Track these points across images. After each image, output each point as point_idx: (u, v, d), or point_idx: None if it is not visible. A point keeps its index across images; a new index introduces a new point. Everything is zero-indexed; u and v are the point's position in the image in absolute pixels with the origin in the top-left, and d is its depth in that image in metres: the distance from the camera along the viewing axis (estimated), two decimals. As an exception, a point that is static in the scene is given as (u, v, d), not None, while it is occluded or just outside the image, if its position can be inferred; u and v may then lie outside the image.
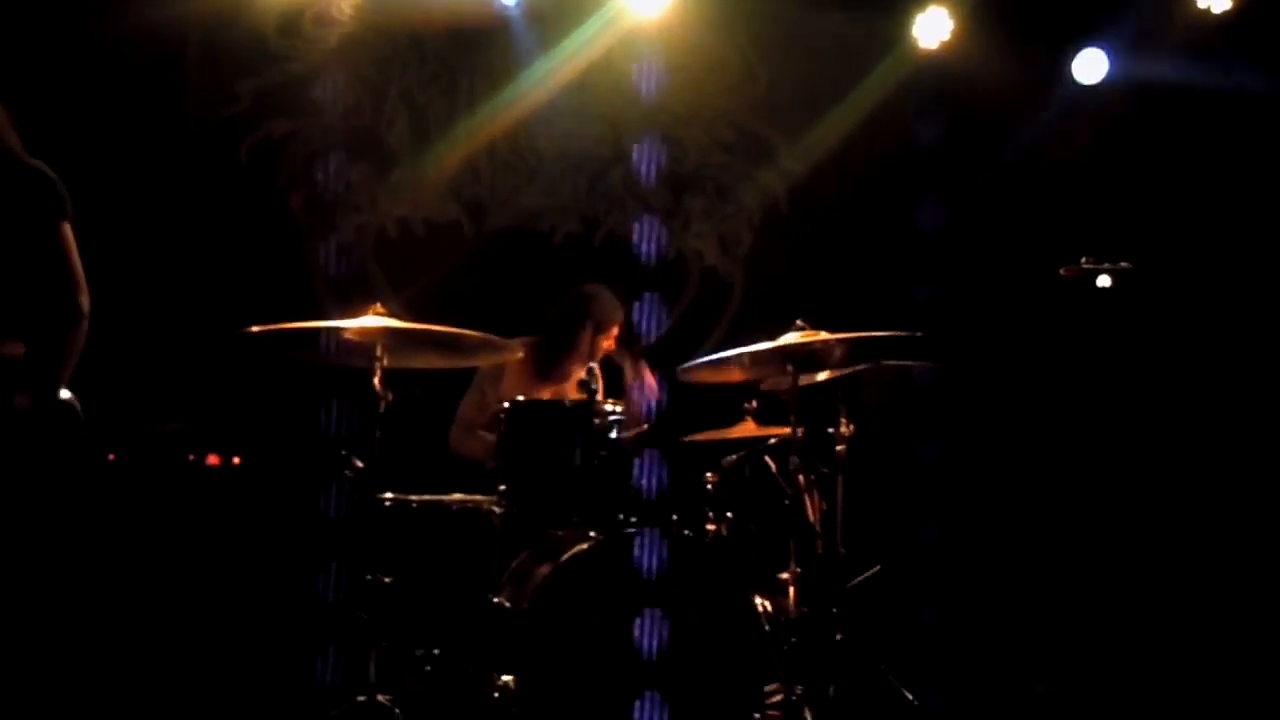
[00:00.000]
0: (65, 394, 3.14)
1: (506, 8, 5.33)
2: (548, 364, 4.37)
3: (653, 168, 5.50)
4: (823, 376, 4.02)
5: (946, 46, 5.51)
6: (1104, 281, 3.79)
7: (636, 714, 3.24)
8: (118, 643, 3.92)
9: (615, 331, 4.48)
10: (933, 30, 5.50)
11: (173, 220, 4.96)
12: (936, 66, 5.54)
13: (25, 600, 3.11)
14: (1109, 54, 5.54)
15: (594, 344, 4.39)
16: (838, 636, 3.70)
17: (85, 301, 3.12)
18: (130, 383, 4.51)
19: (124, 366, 4.44)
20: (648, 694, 3.26)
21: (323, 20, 5.28)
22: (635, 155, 5.47)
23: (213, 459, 4.37)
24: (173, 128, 5.06)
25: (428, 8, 5.35)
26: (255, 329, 3.41)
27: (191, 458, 4.34)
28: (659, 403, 4.40)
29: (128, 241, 4.70)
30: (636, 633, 3.28)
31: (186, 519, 4.20)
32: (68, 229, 3.15)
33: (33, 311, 3.08)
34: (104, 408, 3.37)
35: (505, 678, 3.24)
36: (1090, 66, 5.57)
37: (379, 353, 3.41)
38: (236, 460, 4.40)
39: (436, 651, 3.58)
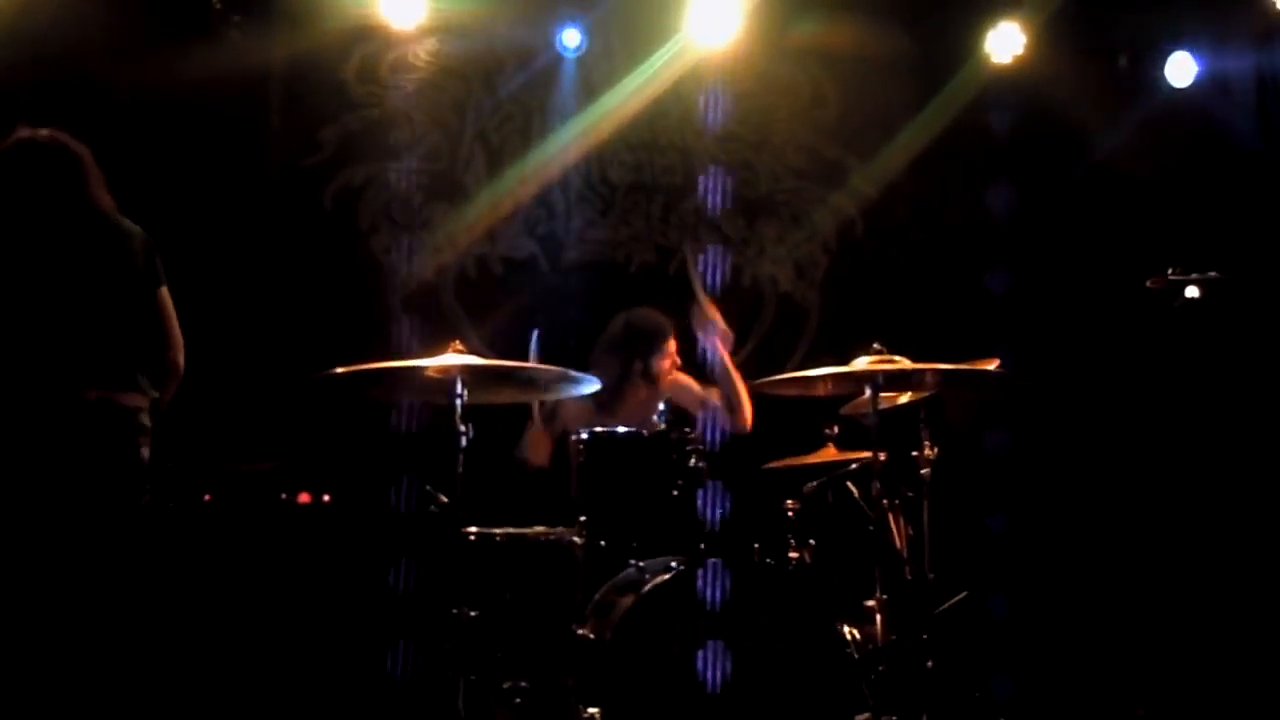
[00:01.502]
0: None
1: (566, 56, 5.42)
2: (604, 399, 4.17)
3: (725, 195, 5.52)
4: (905, 399, 3.97)
5: (1020, 61, 5.45)
6: (1192, 292, 3.69)
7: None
8: (215, 680, 4.02)
9: (670, 349, 4.31)
10: (1005, 45, 5.44)
11: (262, 266, 5.11)
12: (1010, 81, 5.47)
13: (118, 641, 3.23)
14: (1195, 58, 5.43)
15: (649, 370, 4.24)
16: (929, 664, 3.62)
17: (182, 359, 3.30)
18: (223, 424, 4.64)
19: (216, 408, 4.58)
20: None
21: (400, 67, 5.42)
22: (706, 183, 5.50)
23: (304, 497, 4.47)
24: (258, 176, 5.22)
25: (499, 49, 5.48)
26: (339, 370, 3.48)
27: (283, 496, 4.44)
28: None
29: (219, 289, 4.86)
30: (719, 663, 3.26)
31: (278, 556, 4.30)
32: (166, 291, 3.34)
33: (146, 367, 3.26)
34: (197, 448, 3.49)
35: (591, 710, 3.25)
36: (1179, 71, 5.47)
37: (460, 389, 3.46)
38: (327, 498, 4.50)
39: (524, 684, 3.60)
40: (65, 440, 3.11)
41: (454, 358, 3.48)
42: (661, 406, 3.74)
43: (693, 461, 3.60)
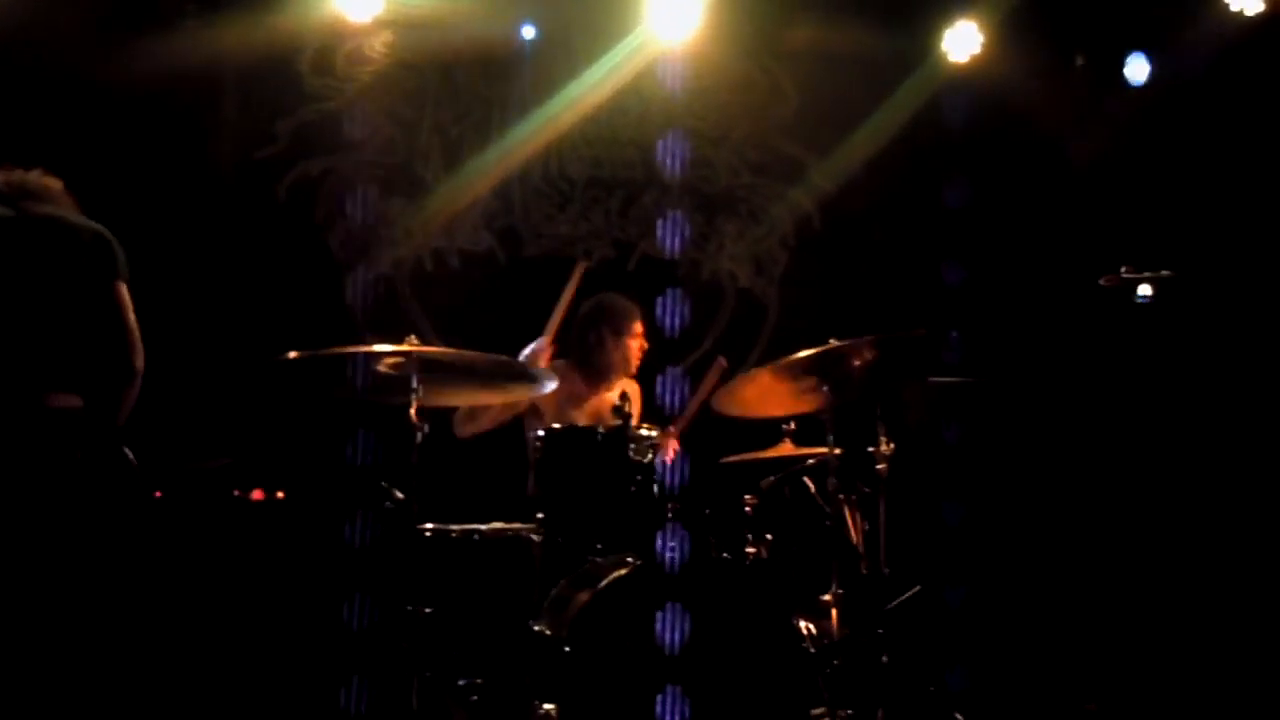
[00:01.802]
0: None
1: (526, 40, 5.41)
2: (581, 379, 4.38)
3: (683, 191, 5.52)
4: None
5: (978, 59, 5.49)
6: (1145, 290, 3.73)
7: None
8: (169, 680, 3.96)
9: (639, 330, 4.45)
10: (962, 44, 5.48)
11: (215, 260, 5.04)
12: (968, 79, 5.51)
13: (72, 641, 3.17)
14: (1147, 59, 5.50)
15: (620, 349, 4.39)
16: (884, 658, 3.65)
17: (139, 360, 3.25)
18: (175, 420, 4.57)
19: (169, 404, 4.50)
20: (691, 720, 3.23)
21: (356, 59, 5.37)
22: (665, 178, 5.49)
23: (257, 494, 4.42)
24: (212, 168, 5.16)
25: (456, 42, 5.43)
26: (292, 355, 3.44)
27: (236, 493, 4.39)
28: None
29: (171, 283, 4.77)
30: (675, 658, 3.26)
31: (232, 554, 4.25)
32: (123, 289, 3.27)
33: (89, 367, 3.19)
34: (150, 445, 3.43)
35: (547, 706, 3.24)
36: (1135, 70, 5.54)
37: (415, 384, 3.43)
38: (280, 495, 4.45)
39: (479, 681, 3.58)
40: None
41: (409, 348, 3.45)
42: (618, 401, 3.73)
43: (649, 457, 3.61)
